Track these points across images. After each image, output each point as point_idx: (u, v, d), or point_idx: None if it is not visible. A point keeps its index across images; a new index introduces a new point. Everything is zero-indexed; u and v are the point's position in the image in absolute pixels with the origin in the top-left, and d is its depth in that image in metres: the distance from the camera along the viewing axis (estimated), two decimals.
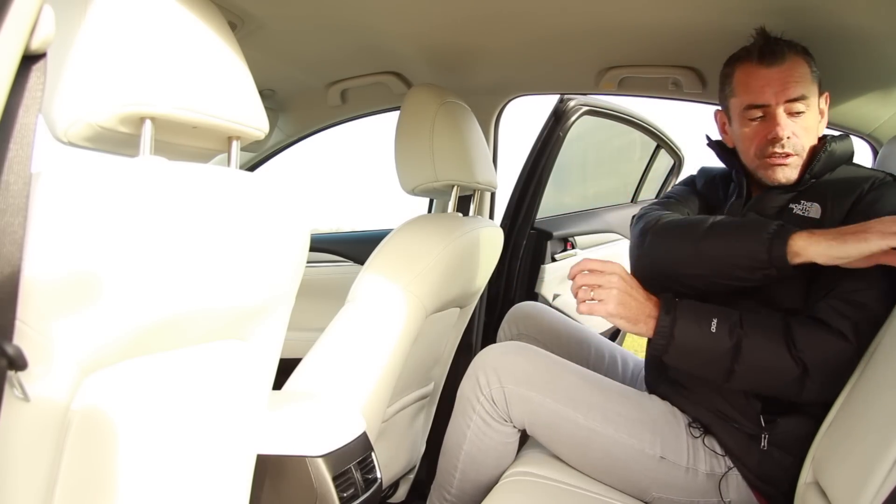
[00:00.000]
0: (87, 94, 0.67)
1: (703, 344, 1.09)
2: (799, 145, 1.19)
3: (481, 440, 1.29)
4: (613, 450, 1.20)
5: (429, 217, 1.55)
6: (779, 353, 1.06)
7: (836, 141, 1.21)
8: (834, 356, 1.05)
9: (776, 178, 1.21)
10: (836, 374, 1.06)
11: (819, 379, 1.05)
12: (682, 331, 1.10)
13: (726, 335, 1.08)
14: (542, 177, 2.08)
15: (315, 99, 1.91)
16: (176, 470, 0.76)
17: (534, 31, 1.40)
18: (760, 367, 1.08)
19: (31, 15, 0.52)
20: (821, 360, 1.05)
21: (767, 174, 1.22)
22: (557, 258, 2.22)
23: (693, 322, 1.10)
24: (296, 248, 0.84)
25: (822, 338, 1.06)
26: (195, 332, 0.75)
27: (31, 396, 0.55)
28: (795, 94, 1.17)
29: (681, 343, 1.11)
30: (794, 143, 1.18)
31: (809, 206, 1.18)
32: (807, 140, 1.19)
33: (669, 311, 1.11)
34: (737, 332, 1.08)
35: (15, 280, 0.53)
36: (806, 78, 1.18)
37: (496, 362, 1.28)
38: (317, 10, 1.32)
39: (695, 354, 1.11)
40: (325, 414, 1.06)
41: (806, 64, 1.19)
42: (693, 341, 1.10)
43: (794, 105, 1.17)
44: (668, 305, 1.12)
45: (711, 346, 1.09)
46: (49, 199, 0.56)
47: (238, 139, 0.82)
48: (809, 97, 1.18)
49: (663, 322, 1.11)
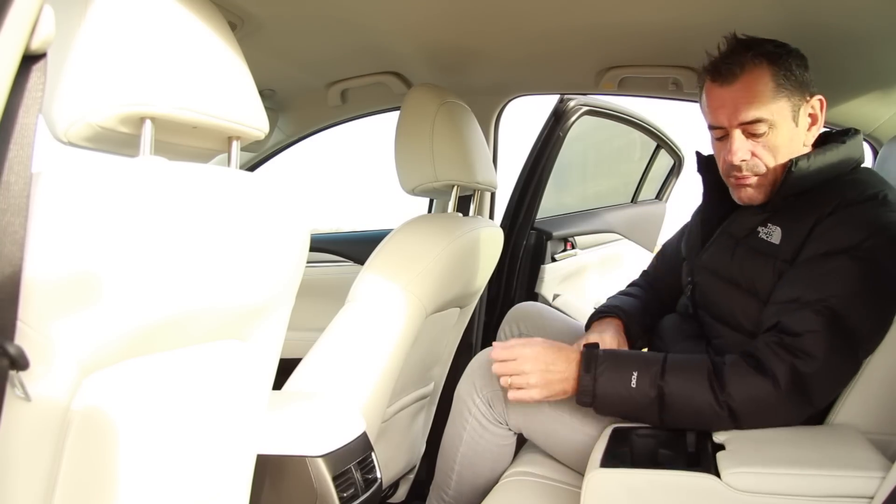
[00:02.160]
0: (87, 94, 0.67)
1: (626, 399, 1.08)
2: (760, 166, 1.14)
3: (477, 442, 1.29)
4: None
5: (429, 217, 1.55)
6: (703, 399, 1.03)
7: (808, 158, 1.11)
8: (764, 401, 1.01)
9: (740, 199, 1.19)
10: (770, 418, 1.03)
11: (748, 421, 1.03)
12: (603, 389, 1.09)
13: (647, 388, 1.06)
14: (542, 177, 2.08)
15: (315, 99, 1.91)
16: (176, 470, 0.76)
17: (534, 32, 1.40)
18: (687, 414, 1.05)
19: (31, 15, 0.52)
20: (749, 405, 1.02)
21: (734, 194, 1.21)
22: (557, 258, 2.22)
23: (613, 379, 1.09)
24: (296, 248, 0.84)
25: (751, 382, 1.02)
26: (195, 332, 0.75)
27: (31, 396, 0.55)
28: (748, 117, 1.11)
29: (603, 402, 1.10)
30: (754, 164, 1.14)
31: (773, 231, 1.14)
32: (771, 160, 1.13)
33: (589, 370, 1.10)
34: (657, 385, 1.06)
35: (16, 280, 0.53)
36: (765, 96, 1.10)
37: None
38: (317, 9, 1.32)
39: (620, 408, 1.11)
40: (325, 414, 1.06)
41: (769, 77, 1.10)
42: (615, 398, 1.09)
43: (752, 127, 1.12)
44: (588, 363, 1.11)
45: (634, 401, 1.07)
46: (49, 199, 0.56)
47: (238, 139, 0.82)
48: (770, 117, 1.10)
49: (584, 382, 1.10)
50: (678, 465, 0.99)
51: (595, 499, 0.96)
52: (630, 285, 1.56)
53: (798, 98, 1.13)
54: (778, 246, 1.12)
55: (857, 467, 0.89)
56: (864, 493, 0.86)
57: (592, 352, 1.14)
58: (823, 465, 0.91)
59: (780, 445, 0.97)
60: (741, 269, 1.17)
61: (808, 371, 1.00)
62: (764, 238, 1.15)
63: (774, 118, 1.11)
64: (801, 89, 1.13)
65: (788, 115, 1.12)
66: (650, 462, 1.02)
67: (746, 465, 0.92)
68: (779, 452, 0.95)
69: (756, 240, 1.16)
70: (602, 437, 1.09)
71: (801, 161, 1.11)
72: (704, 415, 1.04)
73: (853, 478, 0.88)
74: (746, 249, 1.18)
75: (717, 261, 1.23)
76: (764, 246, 1.14)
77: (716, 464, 0.94)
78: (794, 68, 1.12)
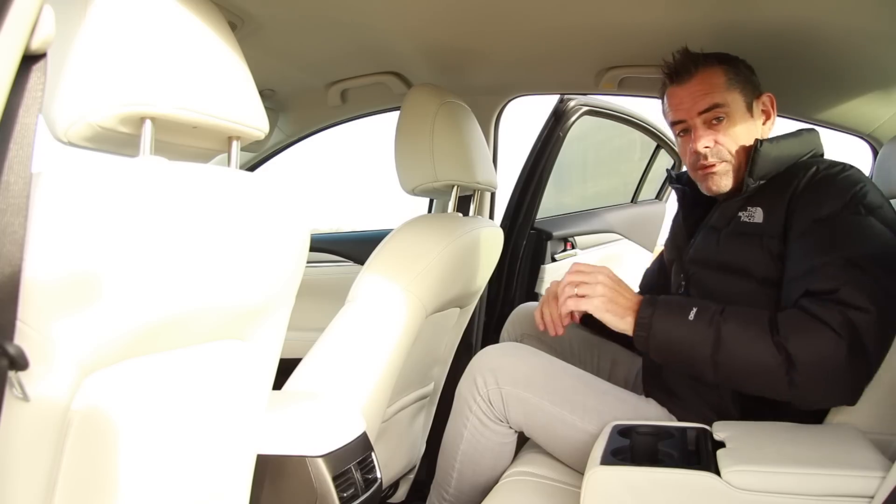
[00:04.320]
0: (87, 94, 0.67)
1: (682, 333, 1.06)
2: (724, 152, 1.21)
3: (478, 440, 1.29)
4: None
5: (429, 217, 1.55)
6: (760, 339, 1.00)
7: (773, 141, 1.19)
8: (820, 346, 0.97)
9: (709, 188, 1.25)
10: (829, 372, 0.97)
11: (807, 373, 0.97)
12: (660, 320, 1.08)
13: (705, 324, 1.04)
14: (542, 177, 2.08)
15: (315, 99, 1.91)
16: (176, 470, 0.76)
17: (534, 31, 1.40)
18: (743, 356, 1.01)
19: (31, 15, 0.52)
20: (807, 351, 0.97)
21: (703, 186, 1.27)
22: (557, 258, 2.22)
23: (671, 312, 1.09)
24: (296, 248, 0.84)
25: (810, 329, 0.98)
26: (195, 332, 0.75)
27: (31, 396, 0.55)
28: (706, 104, 1.21)
29: (659, 333, 1.08)
30: (718, 150, 1.21)
31: (754, 212, 1.18)
32: (733, 145, 1.21)
33: (650, 304, 1.11)
34: (716, 321, 1.04)
35: (16, 280, 0.53)
36: (719, 87, 1.21)
37: (493, 363, 1.28)
38: (317, 10, 1.32)
39: (675, 346, 1.07)
40: (325, 414, 1.06)
41: (722, 73, 1.21)
42: (671, 331, 1.07)
43: (711, 114, 1.21)
44: (651, 299, 1.12)
45: (690, 336, 1.06)
46: (49, 199, 0.56)
47: (238, 139, 0.82)
48: (727, 104, 1.20)
49: (643, 314, 1.10)
50: (678, 462, 0.98)
51: (595, 496, 0.96)
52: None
53: (749, 92, 1.24)
54: (761, 224, 1.16)
55: (857, 467, 0.89)
56: (864, 493, 0.86)
57: (654, 296, 1.14)
58: (823, 464, 0.91)
59: (781, 444, 0.97)
60: (730, 254, 1.19)
61: (865, 321, 0.96)
62: (747, 220, 1.18)
63: (730, 105, 1.21)
64: (750, 85, 1.24)
65: (742, 106, 1.22)
66: (650, 460, 1.02)
67: (746, 463, 0.92)
68: (779, 451, 0.95)
69: (740, 224, 1.19)
70: (602, 434, 1.09)
71: (765, 143, 1.18)
72: (761, 362, 1.00)
73: (853, 477, 0.88)
74: (730, 234, 1.20)
75: (704, 251, 1.26)
76: (748, 227, 1.17)
77: (716, 462, 0.94)
78: (741, 69, 1.24)
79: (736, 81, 1.22)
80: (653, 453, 1.02)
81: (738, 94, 1.22)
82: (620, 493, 0.94)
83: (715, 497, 0.91)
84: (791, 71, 1.43)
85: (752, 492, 0.89)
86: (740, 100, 1.22)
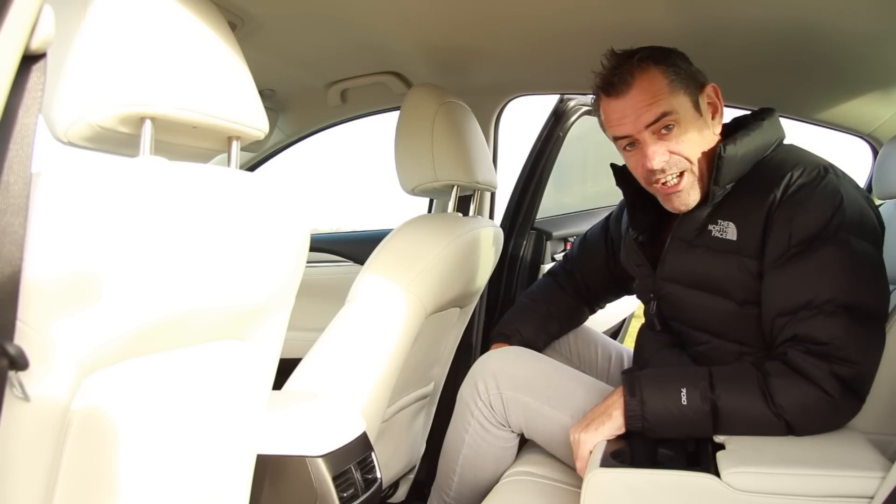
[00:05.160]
0: (87, 94, 0.67)
1: (679, 418, 1.02)
2: (682, 162, 1.12)
3: (479, 444, 1.29)
4: None
5: (429, 217, 1.55)
6: (758, 410, 1.00)
7: (735, 141, 1.10)
8: (815, 408, 0.99)
9: (677, 208, 1.16)
10: (824, 422, 1.00)
11: (804, 428, 1.00)
12: (653, 411, 1.03)
13: (699, 403, 1.01)
14: (542, 177, 2.08)
15: (315, 99, 1.91)
16: (176, 470, 0.76)
17: (534, 31, 1.40)
18: (744, 424, 1.01)
19: (31, 15, 0.52)
20: (802, 414, 0.99)
21: (667, 204, 1.17)
22: (557, 258, 2.22)
23: (662, 399, 1.04)
24: (296, 248, 0.84)
25: (799, 391, 0.99)
26: (195, 332, 0.75)
27: (31, 396, 0.55)
28: (652, 116, 1.10)
29: (656, 423, 1.04)
30: (675, 162, 1.12)
31: (726, 227, 1.11)
32: (689, 151, 1.12)
33: (635, 394, 1.05)
34: (709, 398, 1.01)
35: (15, 280, 0.53)
36: (662, 93, 1.10)
37: (495, 368, 1.28)
38: (317, 9, 1.32)
39: (675, 428, 1.04)
40: (325, 414, 1.06)
41: (661, 75, 1.11)
42: (668, 418, 1.03)
43: (660, 124, 1.10)
44: (631, 387, 1.06)
45: (689, 418, 1.02)
46: (49, 199, 0.56)
47: (238, 139, 0.82)
48: (674, 110, 1.10)
49: (632, 407, 1.04)
50: (678, 464, 0.98)
51: (595, 499, 0.96)
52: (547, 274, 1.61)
53: (693, 89, 1.13)
54: (736, 242, 1.09)
55: (857, 467, 0.89)
56: (864, 494, 0.86)
57: (633, 375, 1.08)
58: (823, 465, 0.91)
59: (780, 445, 0.97)
60: (705, 273, 1.13)
61: (850, 373, 0.98)
62: (719, 236, 1.11)
63: (678, 110, 1.11)
64: (693, 81, 1.14)
65: (690, 107, 1.12)
66: (650, 462, 1.02)
67: (746, 464, 0.92)
68: (779, 452, 0.95)
69: (711, 239, 1.12)
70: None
71: (728, 146, 1.09)
72: (760, 425, 1.00)
73: (853, 478, 0.88)
74: (704, 251, 1.14)
75: (678, 269, 1.19)
76: (722, 244, 1.11)
77: (716, 463, 0.94)
78: (679, 63, 1.13)
79: (678, 81, 1.11)
80: (652, 455, 1.02)
81: (682, 95, 1.12)
82: (620, 496, 0.94)
83: (715, 498, 0.91)
84: (791, 71, 1.43)
85: (752, 493, 0.90)
86: (686, 101, 1.12)
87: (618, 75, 1.12)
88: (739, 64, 1.37)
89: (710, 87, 1.16)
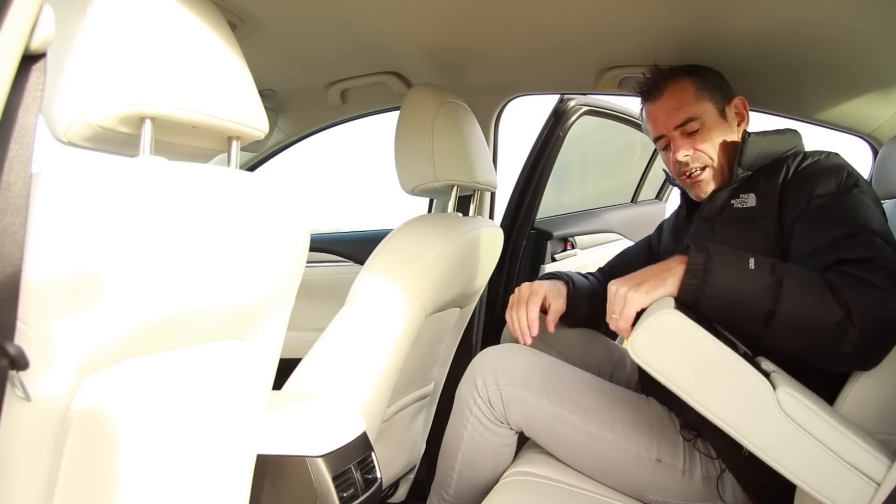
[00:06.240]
0: (87, 94, 0.67)
1: (741, 280, 0.98)
2: (704, 157, 1.28)
3: (478, 442, 1.29)
4: (610, 453, 1.20)
5: (429, 217, 1.55)
6: (821, 293, 0.95)
7: (760, 134, 1.25)
8: (876, 304, 0.94)
9: (698, 195, 1.33)
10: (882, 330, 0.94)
11: (862, 330, 0.93)
12: (718, 265, 0.99)
13: (766, 272, 0.98)
14: (542, 177, 2.08)
15: (315, 99, 1.91)
16: (176, 470, 0.76)
17: (534, 31, 1.40)
18: (803, 307, 0.96)
19: (31, 15, 0.52)
20: (864, 308, 0.93)
21: (692, 192, 1.34)
22: (557, 258, 2.22)
23: (727, 259, 1.00)
24: (296, 248, 0.84)
25: (863, 288, 0.95)
26: (195, 332, 0.75)
27: (31, 396, 0.55)
28: (680, 118, 1.28)
29: (716, 279, 0.99)
30: (698, 157, 1.29)
31: (746, 198, 1.23)
32: (712, 150, 1.28)
33: (702, 250, 1.02)
34: (778, 270, 0.98)
35: (16, 280, 0.53)
36: (690, 99, 1.28)
37: (493, 364, 1.28)
38: (317, 10, 1.32)
39: (731, 294, 0.99)
40: (325, 414, 1.06)
41: (691, 85, 1.29)
42: (730, 277, 0.99)
43: (686, 127, 1.28)
44: (699, 247, 1.03)
45: (751, 283, 0.97)
46: (49, 199, 0.56)
47: (238, 139, 0.82)
48: (699, 115, 1.27)
49: (695, 260, 1.01)
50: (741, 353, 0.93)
51: (654, 336, 0.92)
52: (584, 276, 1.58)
53: (720, 99, 1.30)
54: (754, 208, 1.20)
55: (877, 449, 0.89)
56: (874, 477, 0.86)
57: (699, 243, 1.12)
58: (855, 432, 0.90)
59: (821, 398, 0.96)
60: (725, 240, 1.19)
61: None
62: (739, 206, 1.23)
63: (703, 116, 1.28)
64: (721, 93, 1.31)
65: (715, 113, 1.29)
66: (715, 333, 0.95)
67: (800, 392, 0.90)
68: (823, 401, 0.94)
69: (733, 211, 1.24)
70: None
71: (753, 134, 1.25)
72: (820, 317, 0.95)
73: (871, 456, 0.87)
74: (724, 221, 1.24)
75: (699, 239, 1.28)
76: (741, 213, 1.22)
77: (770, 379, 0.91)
78: (709, 77, 1.31)
79: (705, 91, 1.29)
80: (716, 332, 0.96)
81: (708, 102, 1.28)
82: (679, 344, 0.91)
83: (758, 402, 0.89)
84: (791, 71, 1.43)
85: (791, 420, 0.88)
86: (712, 108, 1.29)
87: (654, 83, 1.33)
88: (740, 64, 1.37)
89: (737, 99, 1.33)
